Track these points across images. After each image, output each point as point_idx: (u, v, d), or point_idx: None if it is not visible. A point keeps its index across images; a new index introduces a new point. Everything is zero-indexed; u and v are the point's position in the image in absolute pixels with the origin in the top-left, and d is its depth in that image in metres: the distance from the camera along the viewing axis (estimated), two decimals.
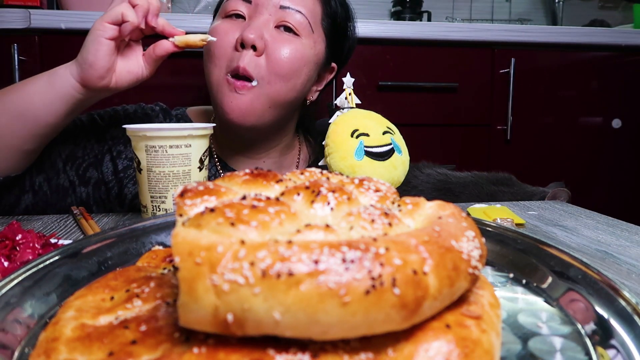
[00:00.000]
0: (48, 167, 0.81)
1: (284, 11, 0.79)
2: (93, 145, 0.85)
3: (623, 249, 0.59)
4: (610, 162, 1.74)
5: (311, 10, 0.82)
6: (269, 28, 0.78)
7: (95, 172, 0.85)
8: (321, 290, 0.23)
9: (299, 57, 0.80)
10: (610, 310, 0.33)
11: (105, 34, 0.67)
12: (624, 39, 1.66)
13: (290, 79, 0.80)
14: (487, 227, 0.47)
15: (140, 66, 0.73)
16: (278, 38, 0.78)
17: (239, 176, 0.35)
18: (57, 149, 0.82)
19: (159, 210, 0.63)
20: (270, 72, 0.78)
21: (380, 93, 1.56)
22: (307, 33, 0.81)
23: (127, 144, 0.86)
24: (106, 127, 0.87)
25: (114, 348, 0.26)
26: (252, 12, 0.79)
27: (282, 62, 0.78)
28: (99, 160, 0.85)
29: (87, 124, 0.86)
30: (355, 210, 0.30)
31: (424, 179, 1.15)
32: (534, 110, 1.67)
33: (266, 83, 0.78)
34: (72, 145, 0.83)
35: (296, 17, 0.79)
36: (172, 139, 0.61)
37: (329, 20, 0.85)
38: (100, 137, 0.86)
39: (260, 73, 0.77)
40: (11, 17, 1.35)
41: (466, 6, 2.30)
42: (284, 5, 0.79)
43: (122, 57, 0.72)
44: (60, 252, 0.40)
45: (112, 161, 0.86)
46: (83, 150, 0.84)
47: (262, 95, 0.78)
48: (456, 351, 0.25)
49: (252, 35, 0.75)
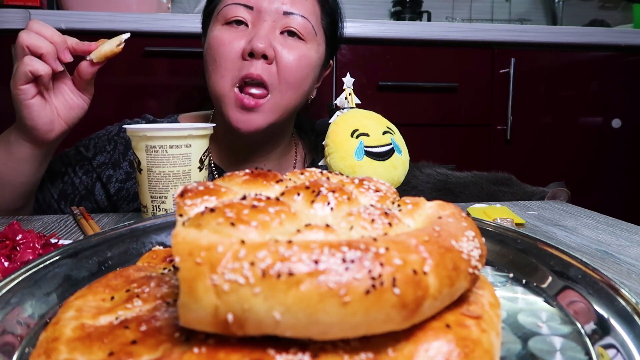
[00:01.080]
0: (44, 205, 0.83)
1: (287, 17, 0.78)
2: (81, 178, 0.85)
3: (623, 248, 0.59)
4: (610, 162, 1.74)
5: (312, 13, 0.81)
6: (275, 35, 0.78)
7: (89, 203, 0.86)
8: (321, 290, 0.23)
9: (307, 64, 0.80)
10: (610, 310, 0.33)
11: (27, 97, 0.65)
12: (624, 39, 1.66)
13: (300, 86, 0.80)
14: (487, 227, 0.47)
15: (77, 96, 0.71)
16: (286, 45, 0.78)
17: (239, 176, 0.35)
18: (49, 190, 0.83)
19: (159, 210, 0.63)
20: (281, 80, 0.77)
21: (380, 93, 1.56)
22: (311, 37, 0.81)
23: (115, 166, 0.86)
24: (92, 156, 0.86)
25: (114, 348, 0.26)
26: (254, 19, 0.78)
27: (292, 70, 0.78)
28: (89, 191, 0.85)
29: (73, 158, 0.86)
30: (355, 210, 0.30)
31: (424, 179, 1.15)
32: (534, 110, 1.67)
33: (278, 92, 0.78)
34: (61, 184, 0.84)
35: (300, 22, 0.79)
36: (172, 139, 0.61)
37: (327, 19, 0.85)
38: (87, 169, 0.86)
39: (273, 82, 0.77)
40: (11, 17, 1.35)
41: (466, 6, 2.30)
42: (287, 11, 0.78)
43: (56, 97, 0.69)
44: (60, 252, 0.40)
45: (103, 188, 0.86)
46: (72, 186, 0.84)
47: (274, 107, 0.78)
48: (456, 351, 0.25)
49: (262, 45, 0.74)
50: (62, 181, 0.84)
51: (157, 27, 1.42)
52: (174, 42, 1.44)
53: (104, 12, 1.40)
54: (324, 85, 0.96)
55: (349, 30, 1.58)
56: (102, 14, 1.40)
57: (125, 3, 1.51)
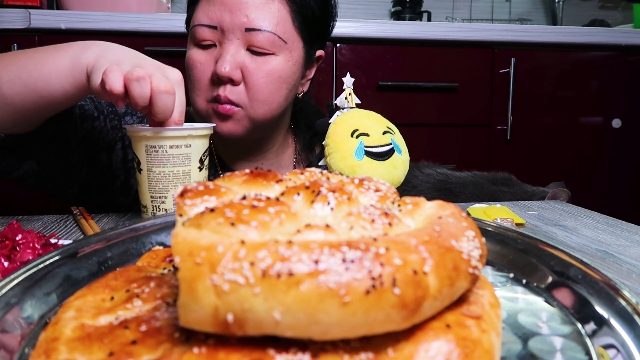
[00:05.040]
0: (61, 142, 0.79)
1: (250, 34, 0.77)
2: (108, 131, 0.85)
3: (623, 248, 0.59)
4: (610, 162, 1.74)
5: (278, 22, 0.78)
6: (241, 54, 0.77)
7: (105, 157, 0.85)
8: (321, 290, 0.23)
9: (276, 79, 0.80)
10: (610, 310, 0.33)
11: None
12: (624, 39, 1.66)
13: (272, 101, 0.81)
14: (487, 227, 0.47)
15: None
16: (252, 63, 0.78)
17: (238, 176, 0.35)
18: (74, 127, 0.80)
19: (159, 210, 0.63)
20: (251, 99, 0.79)
21: (380, 93, 1.56)
22: (280, 47, 0.79)
23: None
24: (123, 114, 0.87)
25: (114, 348, 0.26)
26: (220, 38, 0.78)
27: (261, 88, 0.78)
28: (111, 146, 0.85)
29: (106, 107, 0.86)
30: (355, 210, 0.30)
31: (424, 179, 1.15)
32: (534, 110, 1.67)
33: (249, 108, 0.79)
34: (90, 127, 0.83)
35: (265, 37, 0.77)
36: (172, 139, 0.61)
37: (300, 18, 0.82)
38: (116, 124, 0.86)
39: (242, 100, 0.79)
40: (11, 17, 1.35)
41: (466, 6, 2.30)
42: (249, 27, 0.77)
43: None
44: (60, 252, 0.40)
45: (122, 149, 0.86)
46: (99, 134, 0.84)
47: (248, 119, 0.80)
48: (456, 351, 0.25)
49: (227, 69, 0.75)
50: (92, 125, 0.83)
51: (157, 27, 1.42)
52: (174, 42, 1.44)
53: (104, 12, 1.40)
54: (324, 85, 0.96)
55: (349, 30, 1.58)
56: (102, 14, 1.40)
57: (125, 3, 1.51)
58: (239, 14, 0.77)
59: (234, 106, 0.79)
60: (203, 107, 0.81)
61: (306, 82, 0.90)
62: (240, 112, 0.80)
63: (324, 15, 0.87)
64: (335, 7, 0.90)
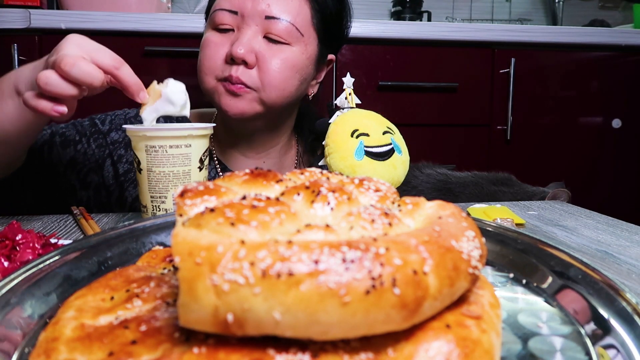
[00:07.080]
0: (49, 170, 0.81)
1: (269, 21, 0.78)
2: (94, 151, 0.85)
3: (623, 249, 0.59)
4: (610, 162, 1.74)
5: (298, 14, 0.81)
6: (257, 40, 0.79)
7: (96, 177, 0.85)
8: (321, 290, 0.23)
9: (289, 67, 0.80)
10: (610, 310, 0.33)
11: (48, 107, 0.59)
12: (624, 39, 1.66)
13: (284, 87, 0.81)
14: (487, 227, 0.47)
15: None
16: (267, 50, 0.79)
17: (238, 176, 0.35)
18: (58, 154, 0.82)
19: (159, 210, 0.63)
20: (265, 83, 0.79)
21: (380, 93, 1.56)
22: (296, 39, 0.81)
23: (127, 147, 0.87)
24: (107, 132, 0.87)
25: (114, 348, 0.26)
26: (239, 23, 0.79)
27: (273, 74, 0.79)
28: (99, 165, 0.86)
29: (88, 128, 0.86)
30: (355, 210, 0.30)
31: (424, 179, 1.15)
32: (534, 110, 1.67)
33: (262, 91, 0.79)
34: (73, 151, 0.84)
35: (283, 26, 0.79)
36: (172, 139, 0.61)
37: (319, 16, 0.84)
38: (100, 143, 0.86)
39: (255, 83, 0.79)
40: (11, 17, 1.35)
41: (466, 6, 2.30)
42: (269, 15, 0.78)
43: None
44: (60, 252, 0.40)
45: (112, 165, 0.86)
46: (84, 155, 0.84)
47: (259, 100, 0.80)
48: (456, 351, 0.25)
49: (242, 51, 0.76)
50: (75, 149, 0.84)
51: (157, 27, 1.42)
52: (174, 42, 1.44)
53: (104, 12, 1.40)
54: (324, 85, 0.96)
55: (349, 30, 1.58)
56: (102, 13, 1.40)
57: (125, 3, 1.51)
58: (261, 2, 0.78)
59: (245, 87, 0.78)
60: (211, 84, 0.80)
61: (316, 85, 0.92)
62: (252, 94, 0.79)
63: (339, 19, 0.90)
64: (350, 15, 0.92)
